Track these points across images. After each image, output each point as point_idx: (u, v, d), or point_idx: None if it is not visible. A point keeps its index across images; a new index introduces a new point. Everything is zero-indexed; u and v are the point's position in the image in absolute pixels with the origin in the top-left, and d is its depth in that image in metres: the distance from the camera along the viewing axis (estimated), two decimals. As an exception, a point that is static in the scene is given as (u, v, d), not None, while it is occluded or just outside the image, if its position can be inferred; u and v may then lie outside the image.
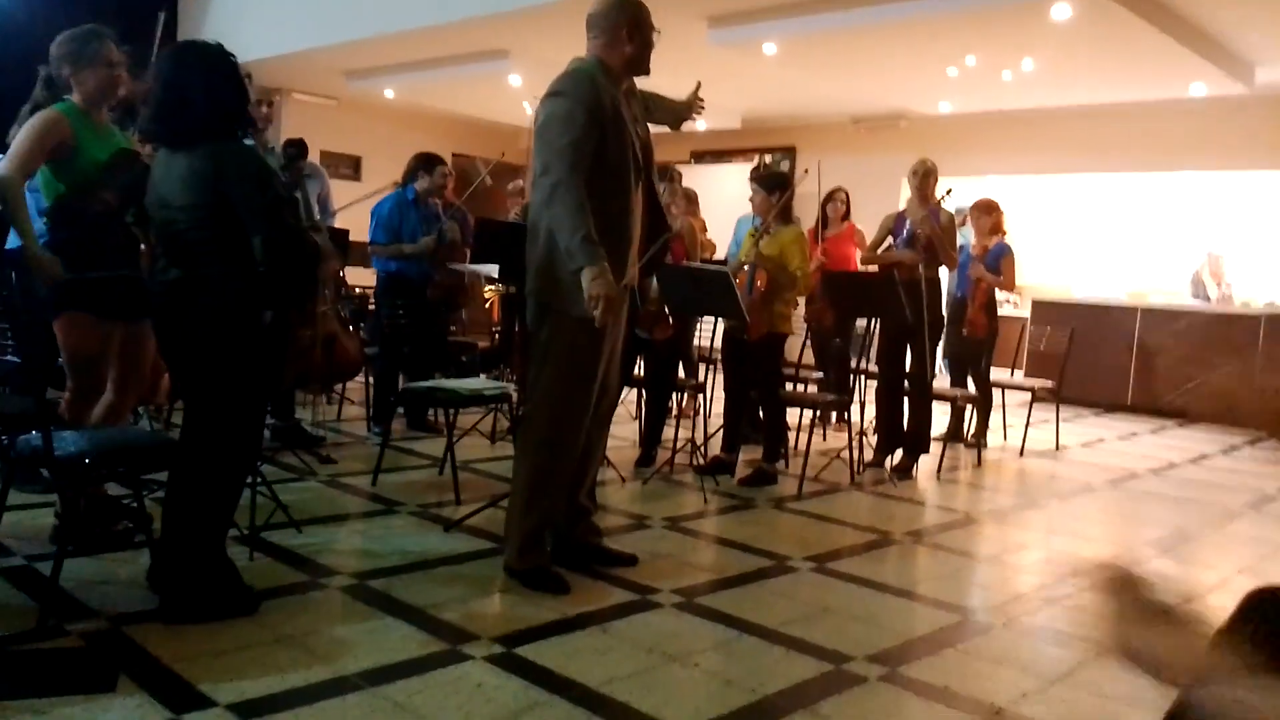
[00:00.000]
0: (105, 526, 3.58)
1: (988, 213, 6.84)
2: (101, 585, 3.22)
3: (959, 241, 6.55)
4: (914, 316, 5.55)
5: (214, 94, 2.93)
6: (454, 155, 12.00)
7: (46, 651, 2.72)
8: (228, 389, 2.96)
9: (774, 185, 5.48)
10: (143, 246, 3.37)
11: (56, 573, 2.93)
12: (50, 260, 3.26)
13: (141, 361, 3.57)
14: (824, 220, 7.11)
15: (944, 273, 6.03)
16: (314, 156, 10.21)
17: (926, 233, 5.74)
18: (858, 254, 7.08)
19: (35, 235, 3.30)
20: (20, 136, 3.30)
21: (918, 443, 5.96)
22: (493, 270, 4.79)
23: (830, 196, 7.14)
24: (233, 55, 3.04)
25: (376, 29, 8.81)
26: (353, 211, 6.96)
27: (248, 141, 4.39)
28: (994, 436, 7.26)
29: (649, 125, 3.65)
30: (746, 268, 5.34)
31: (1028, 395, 7.26)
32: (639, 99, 3.62)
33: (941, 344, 6.84)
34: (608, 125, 3.33)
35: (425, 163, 6.14)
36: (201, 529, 2.96)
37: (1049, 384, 7.20)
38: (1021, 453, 6.94)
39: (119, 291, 3.39)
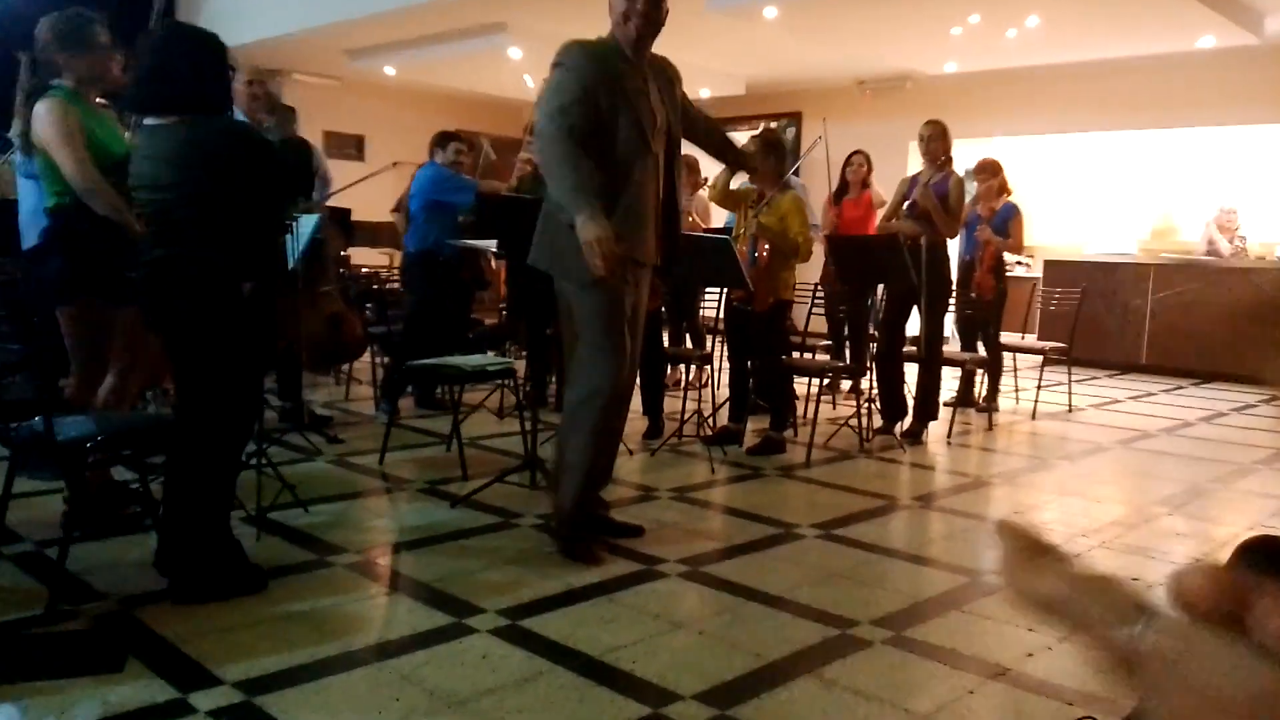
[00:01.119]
0: (113, 510, 3.61)
1: (992, 174, 6.77)
2: (110, 569, 3.25)
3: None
4: (929, 279, 5.49)
5: (199, 66, 2.96)
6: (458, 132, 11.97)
7: (56, 634, 2.75)
8: (215, 363, 2.98)
9: (769, 151, 5.42)
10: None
11: (64, 556, 2.96)
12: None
13: (144, 344, 3.58)
14: (844, 185, 7.00)
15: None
16: (316, 137, 10.25)
17: (923, 203, 5.67)
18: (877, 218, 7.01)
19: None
20: (57, 142, 3.30)
21: (926, 408, 5.93)
22: (492, 245, 4.77)
23: (849, 160, 7.00)
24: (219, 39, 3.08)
25: (375, 7, 8.76)
26: (356, 191, 6.96)
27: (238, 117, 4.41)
28: (1006, 400, 7.22)
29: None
30: (748, 239, 5.30)
31: (1039, 358, 7.21)
32: (669, 79, 3.53)
33: (952, 308, 6.82)
34: (605, 95, 3.28)
35: (440, 140, 6.30)
36: (202, 507, 2.98)
37: (1061, 345, 7.15)
38: (1034, 415, 6.90)
39: (128, 276, 3.40)
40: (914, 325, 5.93)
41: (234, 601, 2.96)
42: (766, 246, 5.24)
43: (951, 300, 6.28)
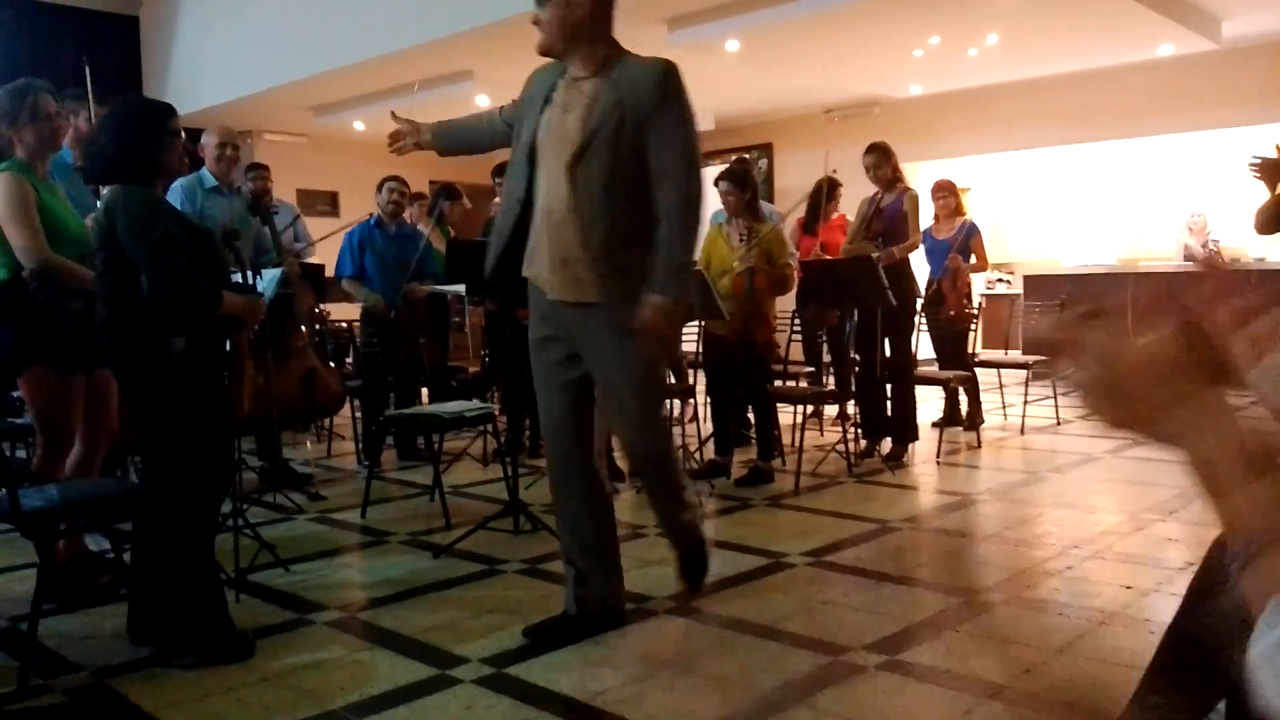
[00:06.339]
0: (86, 581, 3.52)
1: (949, 194, 6.81)
2: (84, 640, 3.17)
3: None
4: (897, 300, 5.46)
5: (123, 137, 2.97)
6: (430, 182, 11.98)
7: (29, 710, 2.67)
8: (162, 422, 2.94)
9: (748, 182, 5.44)
10: None
11: (33, 630, 2.87)
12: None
13: (106, 411, 3.53)
14: (816, 211, 6.99)
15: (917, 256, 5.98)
16: (289, 195, 10.22)
17: (886, 262, 5.68)
18: None
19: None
20: (8, 217, 3.31)
21: (904, 429, 5.90)
22: (460, 289, 4.75)
23: (819, 187, 7.01)
24: (168, 109, 3.11)
25: (338, 61, 8.79)
26: (327, 246, 6.94)
27: (213, 184, 4.45)
28: (994, 416, 7.20)
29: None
30: (742, 272, 5.24)
31: (1025, 373, 7.19)
32: (592, 88, 2.95)
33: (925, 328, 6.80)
34: (524, 110, 3.10)
35: (378, 187, 6.17)
36: (178, 571, 2.91)
37: (1044, 358, 7.12)
38: (1022, 430, 6.88)
39: (79, 342, 3.36)
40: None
41: (212, 668, 2.88)
42: (764, 280, 5.21)
43: (922, 321, 6.26)
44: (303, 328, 5.29)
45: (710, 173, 4.51)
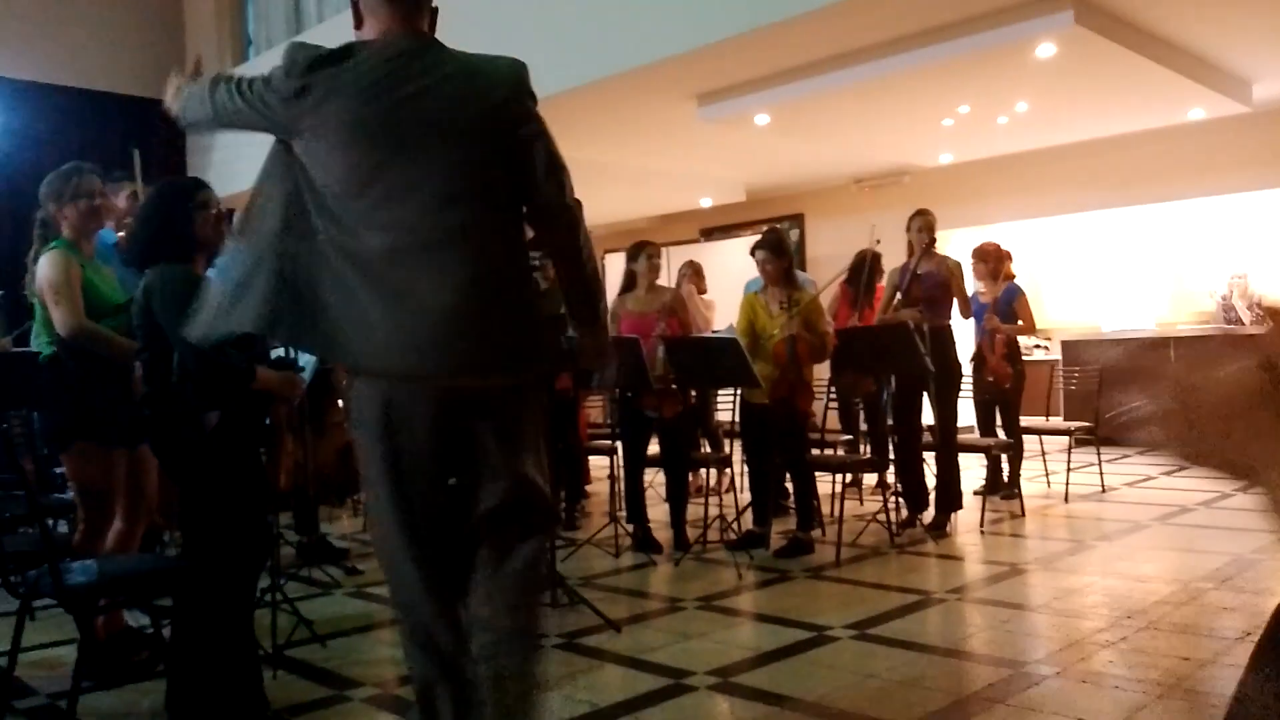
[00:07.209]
0: (126, 657, 3.52)
1: (989, 259, 6.76)
2: (123, 718, 3.15)
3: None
4: (936, 365, 5.39)
5: (155, 220, 3.05)
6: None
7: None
8: (199, 497, 2.96)
9: (785, 250, 5.47)
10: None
11: (73, 707, 2.86)
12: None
13: (146, 487, 3.56)
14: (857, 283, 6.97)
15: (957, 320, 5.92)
16: (328, 272, 10.41)
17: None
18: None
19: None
20: (52, 291, 3.39)
21: (947, 497, 5.79)
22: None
23: (861, 260, 7.00)
24: (203, 187, 3.14)
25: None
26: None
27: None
28: (1037, 484, 7.07)
29: None
30: (784, 339, 5.23)
31: (1067, 440, 7.07)
32: None
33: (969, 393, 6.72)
34: None
35: None
36: (212, 648, 2.90)
37: (1086, 425, 7.01)
38: (1066, 498, 6.74)
39: (120, 419, 3.40)
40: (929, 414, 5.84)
41: (247, 746, 2.85)
42: (806, 346, 5.21)
43: (967, 385, 6.19)
44: (340, 402, 5.32)
45: (742, 244, 4.55)
